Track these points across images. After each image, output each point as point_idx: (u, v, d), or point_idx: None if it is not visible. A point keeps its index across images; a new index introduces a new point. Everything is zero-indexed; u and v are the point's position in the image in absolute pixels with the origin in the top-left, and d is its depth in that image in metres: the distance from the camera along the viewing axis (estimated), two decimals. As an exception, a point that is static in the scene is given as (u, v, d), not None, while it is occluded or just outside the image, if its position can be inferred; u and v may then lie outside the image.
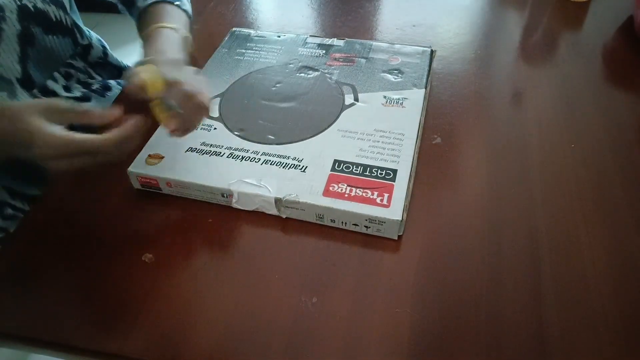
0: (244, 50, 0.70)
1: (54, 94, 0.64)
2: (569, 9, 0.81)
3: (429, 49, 0.68)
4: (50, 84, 0.63)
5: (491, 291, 0.44)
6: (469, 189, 0.53)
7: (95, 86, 0.70)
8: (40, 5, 0.59)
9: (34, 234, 0.52)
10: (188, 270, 0.47)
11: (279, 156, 0.53)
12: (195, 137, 0.56)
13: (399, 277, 0.46)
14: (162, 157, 0.54)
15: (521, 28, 0.79)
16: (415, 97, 0.60)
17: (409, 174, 0.51)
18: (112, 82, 0.73)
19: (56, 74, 0.65)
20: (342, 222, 0.49)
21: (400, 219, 0.47)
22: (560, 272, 0.45)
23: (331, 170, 0.51)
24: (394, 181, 0.50)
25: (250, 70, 0.66)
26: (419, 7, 0.84)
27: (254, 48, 0.71)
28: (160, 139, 0.56)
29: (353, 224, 0.49)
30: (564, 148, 0.57)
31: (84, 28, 0.70)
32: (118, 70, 0.77)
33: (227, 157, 0.54)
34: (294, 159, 0.53)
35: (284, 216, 0.51)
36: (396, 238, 0.49)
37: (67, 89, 0.66)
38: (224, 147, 0.55)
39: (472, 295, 0.44)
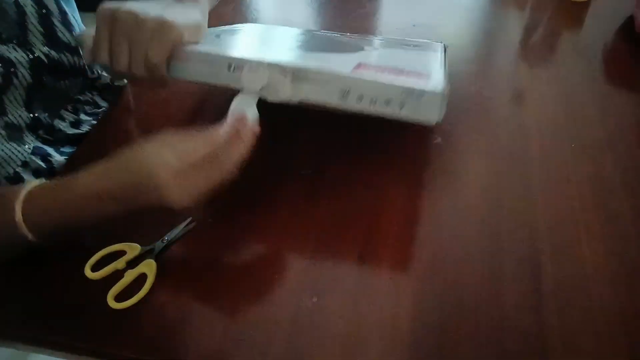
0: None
1: (60, 132, 0.62)
2: (569, 9, 0.81)
3: (441, 43, 0.63)
4: (57, 123, 0.62)
5: (491, 291, 0.44)
6: (469, 189, 0.53)
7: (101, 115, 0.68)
8: (54, 55, 0.57)
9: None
10: (187, 270, 0.47)
11: (301, 46, 0.50)
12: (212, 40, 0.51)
13: (399, 277, 0.46)
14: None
15: (521, 28, 0.79)
16: (435, 50, 0.56)
17: (444, 75, 0.45)
18: None
19: (64, 112, 0.63)
20: (372, 100, 0.42)
21: (442, 90, 0.41)
22: (560, 272, 0.45)
23: (360, 62, 0.46)
24: (428, 76, 0.44)
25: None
26: (419, 7, 0.84)
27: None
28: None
29: (384, 102, 0.42)
30: (564, 148, 0.57)
31: None
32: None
33: (246, 35, 0.51)
34: (315, 56, 0.49)
35: (297, 99, 0.44)
36: (434, 122, 0.43)
37: (74, 124, 0.64)
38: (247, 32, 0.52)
39: (472, 294, 0.44)
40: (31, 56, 0.55)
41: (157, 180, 0.38)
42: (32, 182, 0.43)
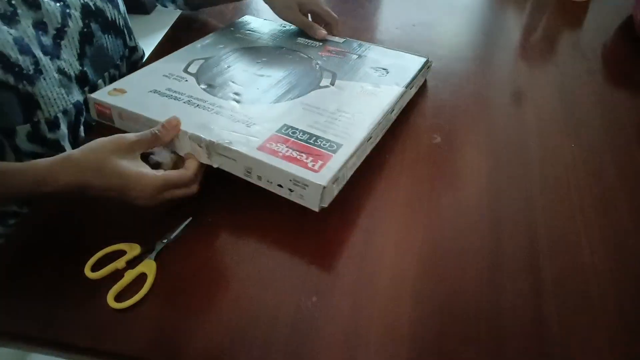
0: (247, 31, 0.73)
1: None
2: (569, 9, 0.81)
3: (425, 59, 0.66)
4: (100, 84, 0.65)
5: (491, 290, 0.44)
6: (468, 189, 0.53)
7: None
8: (99, 3, 0.62)
9: (34, 233, 0.52)
10: (187, 270, 0.47)
11: (233, 111, 0.54)
12: (164, 83, 0.58)
13: (399, 276, 0.46)
14: (125, 92, 0.56)
15: (521, 28, 0.79)
16: (392, 92, 0.59)
17: (352, 150, 0.49)
18: None
19: (106, 75, 0.66)
20: (268, 181, 0.48)
21: (324, 184, 0.45)
22: (559, 271, 0.45)
23: (276, 132, 0.51)
24: (335, 153, 0.49)
25: (244, 46, 0.68)
26: (419, 7, 0.84)
27: (258, 30, 0.73)
28: (131, 80, 0.59)
29: (278, 185, 0.48)
30: (564, 148, 0.57)
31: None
32: None
33: (184, 102, 0.55)
34: (245, 115, 0.53)
35: (215, 165, 0.50)
36: (317, 209, 0.47)
37: None
38: (185, 95, 0.56)
39: (472, 294, 0.44)
40: (82, 1, 0.60)
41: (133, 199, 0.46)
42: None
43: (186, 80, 0.59)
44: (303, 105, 0.56)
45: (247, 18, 0.77)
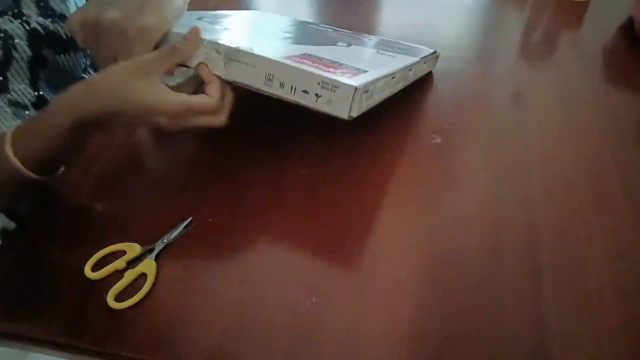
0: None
1: None
2: (569, 9, 0.81)
3: (432, 50, 0.66)
4: None
5: (491, 291, 0.44)
6: (468, 189, 0.53)
7: None
8: (50, 26, 0.58)
9: (34, 233, 0.52)
10: (187, 270, 0.47)
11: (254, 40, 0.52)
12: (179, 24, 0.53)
13: (399, 277, 0.46)
14: None
15: (521, 28, 0.79)
16: (409, 58, 0.59)
17: (381, 74, 0.47)
18: None
19: None
20: (292, 87, 0.44)
21: (355, 86, 0.42)
22: (560, 272, 0.45)
23: (300, 53, 0.48)
24: (362, 73, 0.46)
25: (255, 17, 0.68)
26: (419, 7, 0.84)
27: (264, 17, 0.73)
28: None
29: (303, 91, 0.44)
30: (564, 148, 0.57)
31: None
32: None
33: (200, 23, 0.52)
34: (266, 42, 0.51)
35: (229, 78, 0.47)
36: (346, 117, 0.43)
37: None
38: (203, 23, 0.54)
39: (472, 294, 0.44)
40: (27, 28, 0.55)
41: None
42: (15, 125, 0.46)
43: (200, 24, 0.55)
44: (323, 50, 0.53)
45: (252, 12, 0.76)
